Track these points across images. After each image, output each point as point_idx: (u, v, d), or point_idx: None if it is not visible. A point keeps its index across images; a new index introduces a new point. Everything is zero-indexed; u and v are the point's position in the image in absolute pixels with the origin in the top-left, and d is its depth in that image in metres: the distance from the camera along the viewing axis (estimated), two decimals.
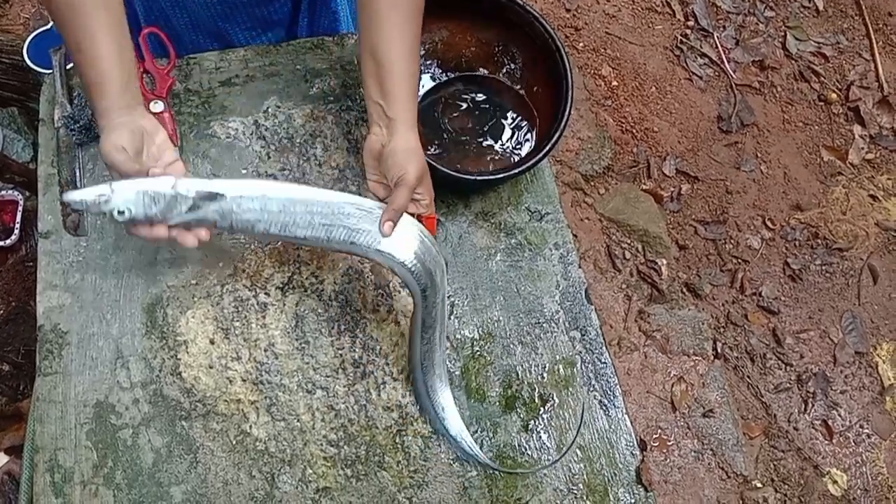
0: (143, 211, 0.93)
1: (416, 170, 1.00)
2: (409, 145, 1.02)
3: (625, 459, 1.15)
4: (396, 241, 0.99)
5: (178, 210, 0.95)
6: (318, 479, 1.07)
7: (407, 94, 1.04)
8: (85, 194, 0.93)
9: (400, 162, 1.00)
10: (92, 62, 0.95)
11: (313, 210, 0.98)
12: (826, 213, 2.65)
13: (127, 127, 0.96)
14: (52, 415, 1.07)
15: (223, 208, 0.96)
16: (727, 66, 2.82)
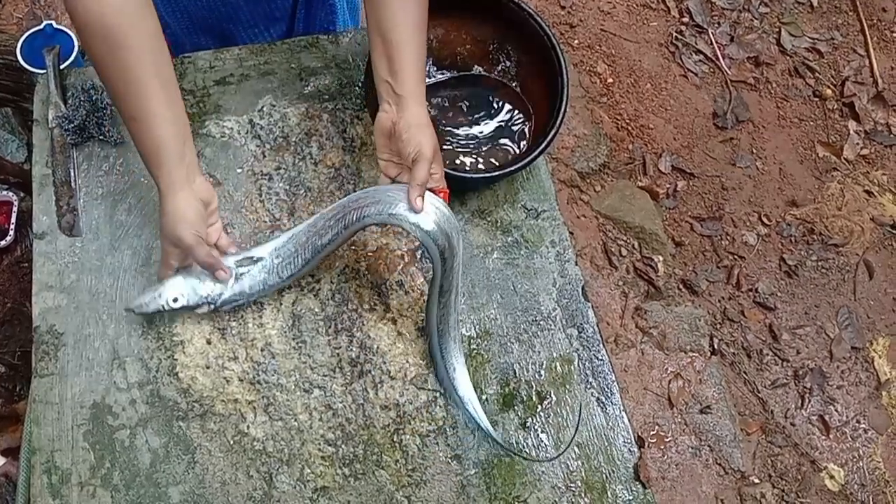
0: (196, 298, 1.07)
1: (430, 144, 1.01)
2: (421, 120, 1.03)
3: (622, 456, 1.15)
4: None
5: (227, 286, 1.07)
6: (316, 479, 1.07)
7: (415, 70, 1.04)
8: (146, 302, 1.06)
9: (414, 137, 1.01)
10: (148, 131, 0.98)
11: (327, 215, 1.06)
12: (821, 208, 2.66)
13: (192, 206, 1.02)
14: (48, 416, 1.07)
15: (266, 265, 1.08)
16: (722, 63, 2.82)
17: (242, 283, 1.08)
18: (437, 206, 1.03)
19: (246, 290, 1.09)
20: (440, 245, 1.03)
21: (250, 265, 1.08)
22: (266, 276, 1.09)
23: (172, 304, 1.05)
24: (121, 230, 1.17)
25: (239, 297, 1.09)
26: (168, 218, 1.01)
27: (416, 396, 1.14)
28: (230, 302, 1.09)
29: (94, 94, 1.19)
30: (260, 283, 1.09)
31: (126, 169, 1.20)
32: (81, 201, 1.18)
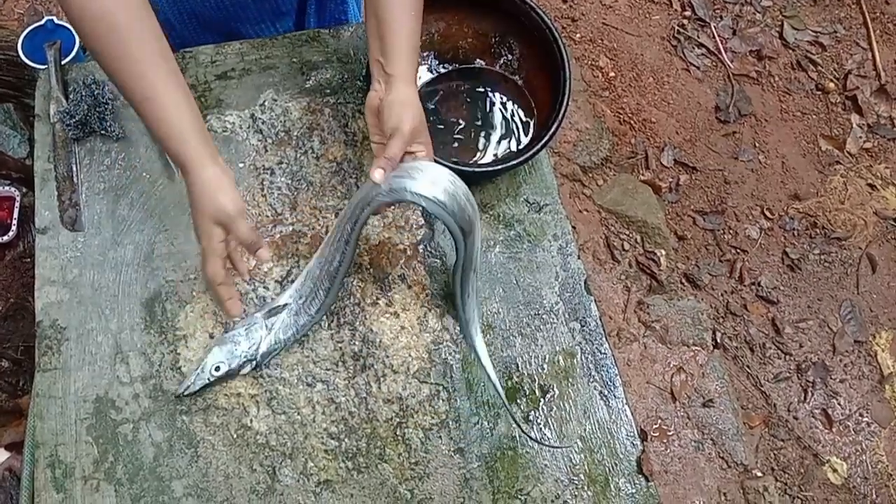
0: (237, 361, 1.07)
1: (410, 120, 1.01)
2: (405, 98, 1.03)
3: (625, 450, 1.15)
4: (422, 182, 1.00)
5: (262, 339, 1.08)
6: (319, 472, 1.07)
7: (406, 50, 1.05)
8: (192, 381, 1.06)
9: (395, 113, 1.01)
10: (165, 108, 0.95)
11: (330, 240, 1.09)
12: (824, 202, 2.65)
13: (229, 177, 1.00)
14: (52, 410, 1.07)
15: (293, 309, 1.10)
16: (724, 56, 2.81)
17: (276, 331, 1.09)
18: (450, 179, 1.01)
19: (281, 337, 1.09)
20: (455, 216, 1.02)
21: (278, 313, 1.09)
22: (296, 318, 1.10)
23: (215, 373, 1.06)
24: (123, 225, 1.17)
25: (277, 346, 1.10)
26: (205, 189, 0.97)
27: (418, 390, 1.14)
28: (270, 353, 1.09)
29: (95, 89, 1.19)
30: (292, 327, 1.10)
31: (128, 164, 1.20)
32: (83, 196, 1.18)
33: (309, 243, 1.19)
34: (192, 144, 0.96)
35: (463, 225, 1.02)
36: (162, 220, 1.18)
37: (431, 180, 1.00)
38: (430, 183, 0.99)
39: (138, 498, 1.03)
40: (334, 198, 1.23)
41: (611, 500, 1.12)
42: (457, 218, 1.01)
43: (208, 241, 0.99)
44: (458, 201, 1.00)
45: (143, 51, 0.93)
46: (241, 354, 1.07)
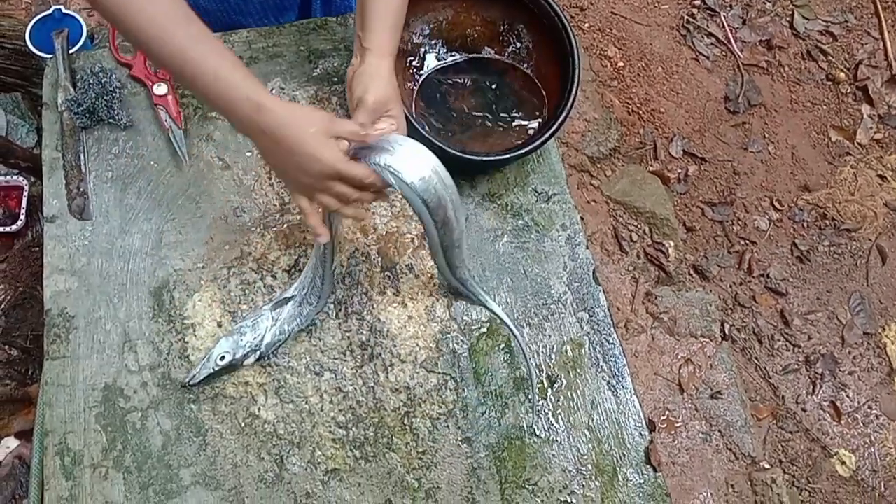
0: (242, 351, 1.07)
1: (374, 91, 0.98)
2: (374, 70, 1.01)
3: (633, 440, 1.15)
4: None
5: (266, 331, 1.08)
6: (327, 461, 1.08)
7: (384, 25, 1.04)
8: (198, 371, 1.07)
9: (362, 84, 0.99)
10: (211, 53, 0.89)
11: None
12: (834, 193, 2.63)
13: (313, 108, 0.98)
14: (60, 398, 1.07)
15: (296, 299, 1.10)
16: (734, 46, 2.79)
17: (281, 323, 1.09)
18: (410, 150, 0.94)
19: (286, 328, 1.10)
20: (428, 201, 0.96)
21: (284, 305, 1.10)
22: (300, 308, 1.10)
23: (220, 362, 1.06)
24: (131, 213, 1.17)
25: (281, 337, 1.10)
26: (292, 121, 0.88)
27: (426, 380, 1.14)
28: (273, 344, 1.10)
29: (103, 78, 1.19)
30: (297, 317, 1.10)
31: (136, 153, 1.20)
32: (91, 184, 1.18)
33: None
34: (251, 80, 0.90)
35: (428, 199, 0.94)
36: (170, 209, 1.18)
37: (391, 150, 0.92)
38: (390, 154, 0.92)
39: (146, 486, 1.04)
40: None
41: (618, 491, 1.12)
42: (419, 192, 0.93)
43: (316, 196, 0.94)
44: (423, 175, 0.93)
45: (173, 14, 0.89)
46: (246, 345, 1.07)
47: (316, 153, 0.88)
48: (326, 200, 0.93)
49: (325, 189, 0.92)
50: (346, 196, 0.93)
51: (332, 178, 0.90)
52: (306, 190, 0.93)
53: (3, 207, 1.62)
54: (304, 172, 0.90)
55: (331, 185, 0.91)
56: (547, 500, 1.10)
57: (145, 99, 1.23)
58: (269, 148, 0.91)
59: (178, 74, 0.91)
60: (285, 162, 0.91)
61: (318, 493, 1.06)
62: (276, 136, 0.88)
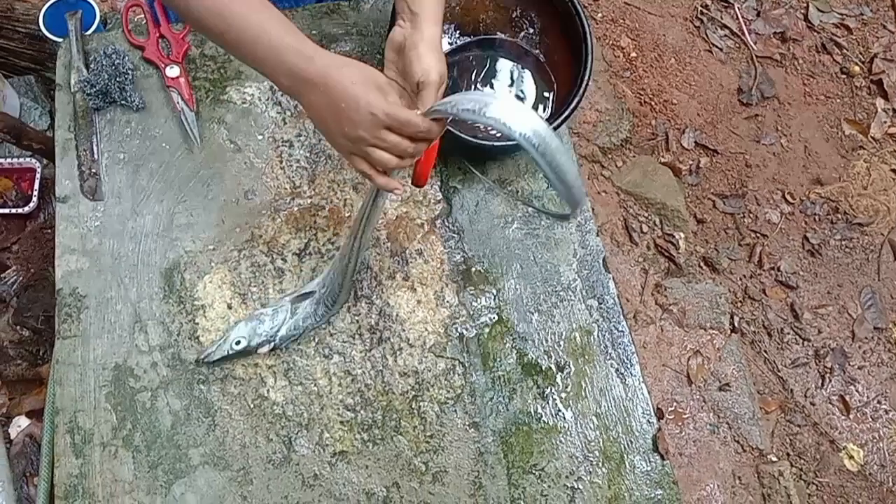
0: (257, 339, 1.08)
1: (438, 69, 0.91)
2: (432, 42, 0.94)
3: (641, 427, 1.15)
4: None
5: (283, 323, 1.09)
6: (335, 443, 1.08)
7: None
8: (213, 350, 1.08)
9: (423, 58, 0.91)
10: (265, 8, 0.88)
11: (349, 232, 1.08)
12: (847, 187, 2.61)
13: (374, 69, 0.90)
14: (71, 377, 1.08)
15: (315, 297, 1.10)
16: (748, 38, 2.77)
17: (297, 317, 1.10)
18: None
19: (300, 324, 1.10)
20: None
21: (304, 300, 1.10)
22: (316, 307, 1.11)
23: (235, 346, 1.07)
24: (142, 195, 1.17)
25: (295, 332, 1.10)
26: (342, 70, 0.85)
27: (434, 364, 1.14)
28: (288, 337, 1.10)
29: (116, 59, 1.19)
30: (312, 316, 1.11)
31: (148, 134, 1.21)
32: (104, 166, 1.18)
33: (327, 216, 1.19)
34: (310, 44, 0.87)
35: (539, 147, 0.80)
36: (181, 191, 1.18)
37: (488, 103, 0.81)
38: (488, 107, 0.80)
39: (156, 465, 1.04)
40: (352, 171, 1.22)
41: (625, 478, 1.12)
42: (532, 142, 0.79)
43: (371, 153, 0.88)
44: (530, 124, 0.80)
45: None
46: (262, 334, 1.08)
47: (366, 97, 0.84)
48: (380, 156, 0.88)
49: (378, 141, 0.87)
50: (400, 147, 0.87)
51: (384, 126, 0.85)
52: (359, 147, 0.88)
53: (15, 189, 1.63)
54: (354, 124, 0.86)
55: (384, 135, 0.86)
56: (554, 485, 1.10)
57: (158, 81, 1.23)
58: (318, 103, 0.88)
59: (222, 33, 0.89)
60: (337, 114, 0.87)
61: (326, 474, 1.06)
62: (326, 85, 0.85)
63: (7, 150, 1.67)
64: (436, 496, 1.08)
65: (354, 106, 0.84)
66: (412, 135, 0.87)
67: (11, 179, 1.63)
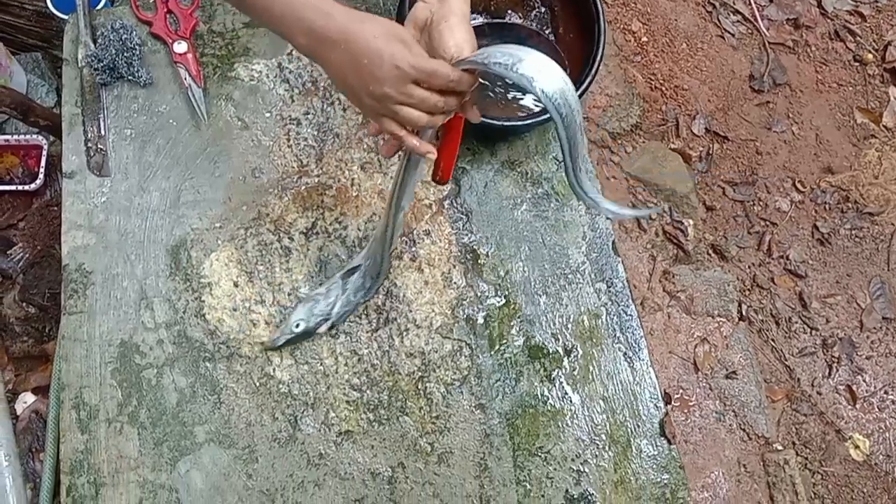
0: (315, 319, 1.08)
1: (471, 41, 0.84)
2: (461, 13, 0.86)
3: (648, 412, 1.14)
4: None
5: (337, 299, 1.09)
6: (340, 423, 1.08)
7: None
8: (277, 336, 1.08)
9: (454, 31, 0.84)
10: None
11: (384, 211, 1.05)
12: (858, 176, 2.59)
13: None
14: (77, 353, 1.08)
15: (362, 270, 1.09)
16: (760, 24, 2.74)
17: (348, 292, 1.09)
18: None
19: (352, 298, 1.09)
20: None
21: (352, 274, 1.09)
22: (363, 280, 1.10)
23: (296, 329, 1.07)
24: (149, 171, 1.16)
25: (348, 307, 1.09)
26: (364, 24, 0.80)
27: (441, 345, 1.13)
28: (342, 313, 1.09)
29: (123, 34, 1.18)
30: (360, 288, 1.10)
31: (155, 111, 1.20)
32: (110, 141, 1.17)
33: (334, 196, 1.18)
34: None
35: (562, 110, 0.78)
36: (188, 168, 1.17)
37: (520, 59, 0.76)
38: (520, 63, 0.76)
39: (161, 442, 1.04)
40: (360, 150, 1.21)
41: (632, 462, 1.11)
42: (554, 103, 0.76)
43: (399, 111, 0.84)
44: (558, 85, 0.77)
45: None
46: (319, 313, 1.07)
47: (389, 50, 0.79)
48: (408, 114, 0.83)
49: (405, 97, 0.81)
50: (429, 102, 0.82)
51: (410, 80, 0.80)
52: (386, 106, 0.83)
53: (22, 166, 1.63)
54: (378, 80, 0.81)
55: (410, 90, 0.81)
56: (559, 468, 1.10)
57: (165, 57, 1.22)
58: (340, 61, 0.83)
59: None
60: (359, 71, 0.82)
61: (331, 453, 1.06)
62: (347, 41, 0.80)
63: (14, 126, 1.66)
64: (441, 477, 1.07)
65: (378, 61, 0.80)
66: (442, 86, 0.81)
67: (18, 156, 1.62)
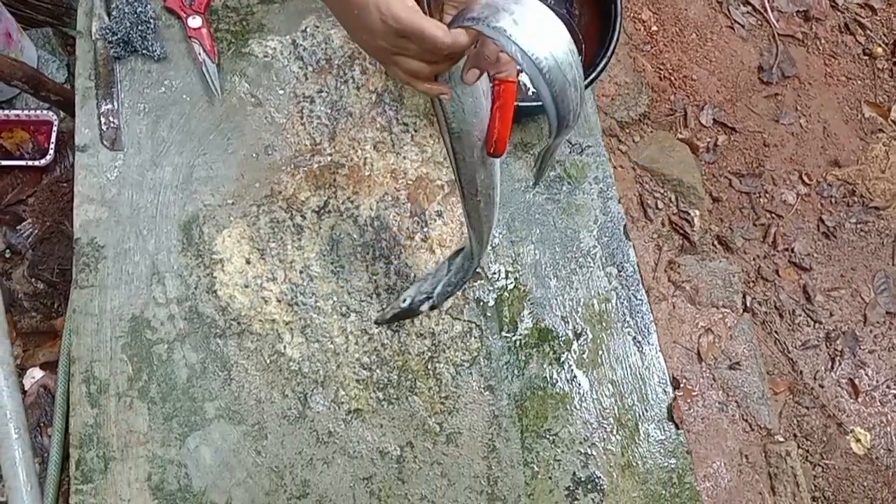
0: (420, 297, 1.04)
1: None
2: None
3: (656, 396, 1.14)
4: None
5: (441, 280, 1.04)
6: (350, 401, 1.08)
7: None
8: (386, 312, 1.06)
9: None
10: None
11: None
12: (864, 170, 2.59)
13: None
14: (88, 327, 1.07)
15: (466, 252, 1.02)
16: (770, 16, 2.73)
17: (451, 273, 1.05)
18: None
19: (453, 279, 1.05)
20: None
21: (457, 256, 1.04)
22: (463, 261, 1.04)
23: (402, 304, 1.05)
24: (162, 146, 1.16)
25: (449, 287, 1.05)
26: None
27: (451, 327, 1.13)
28: (443, 294, 1.05)
29: (138, 7, 1.17)
30: (460, 270, 1.05)
31: (168, 85, 1.19)
32: (124, 115, 1.17)
33: (347, 174, 1.18)
34: None
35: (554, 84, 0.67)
36: (201, 144, 1.17)
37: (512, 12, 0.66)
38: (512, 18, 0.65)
39: (170, 417, 1.04)
40: (373, 129, 1.21)
41: (639, 446, 1.11)
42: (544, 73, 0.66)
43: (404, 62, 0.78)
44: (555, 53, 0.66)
45: None
46: (424, 291, 1.05)
47: (375, 1, 0.74)
48: (409, 65, 0.77)
49: (401, 49, 0.76)
50: (426, 56, 0.75)
51: (402, 35, 0.74)
52: (387, 57, 0.79)
53: (32, 142, 1.62)
54: (371, 33, 0.76)
55: (402, 43, 0.75)
56: (567, 450, 1.10)
57: (179, 31, 1.21)
58: (338, 11, 0.80)
59: None
60: (354, 22, 0.78)
61: (340, 431, 1.06)
62: None
63: (24, 101, 1.65)
64: (449, 457, 1.07)
65: (366, 13, 0.75)
66: (431, 49, 0.75)
67: (28, 132, 1.62)
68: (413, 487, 1.06)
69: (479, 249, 1.01)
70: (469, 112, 0.79)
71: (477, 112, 0.79)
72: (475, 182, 0.86)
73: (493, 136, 0.82)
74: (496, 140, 0.82)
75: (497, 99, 0.78)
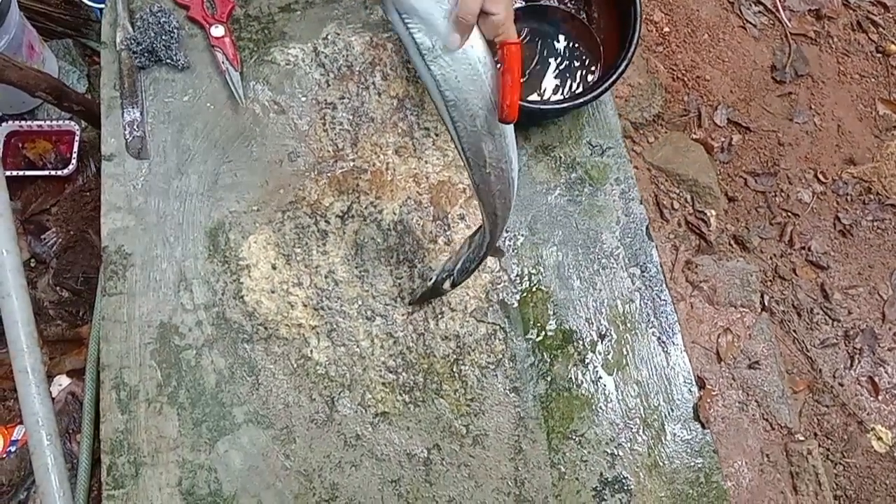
0: (441, 276, 1.05)
1: None
2: None
3: (682, 396, 1.14)
4: None
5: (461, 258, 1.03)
6: (376, 404, 1.08)
7: None
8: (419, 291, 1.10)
9: None
10: None
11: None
12: (880, 167, 2.58)
13: None
14: (117, 334, 1.09)
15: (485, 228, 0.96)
16: (782, 15, 2.72)
17: (471, 250, 1.01)
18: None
19: (472, 256, 1.01)
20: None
21: (477, 233, 1.00)
22: (482, 238, 0.99)
23: (427, 283, 1.08)
24: (187, 155, 1.17)
25: (467, 264, 1.02)
26: None
27: (475, 329, 1.14)
28: (463, 271, 1.03)
29: (161, 18, 1.19)
30: (479, 246, 1.00)
31: (193, 94, 1.21)
32: (149, 124, 1.18)
33: (369, 180, 1.19)
34: None
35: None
36: (226, 152, 1.18)
37: None
38: None
39: (200, 422, 1.05)
40: (395, 135, 1.22)
41: (666, 446, 1.12)
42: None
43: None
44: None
45: None
46: (446, 269, 1.04)
47: None
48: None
49: None
50: None
51: None
52: None
53: (55, 152, 1.64)
54: None
55: None
56: (594, 451, 1.10)
57: (202, 41, 1.23)
58: None
59: None
60: None
61: (368, 435, 1.07)
62: None
63: (46, 112, 1.67)
64: (476, 459, 1.08)
65: None
66: None
67: (51, 142, 1.64)
68: (441, 489, 1.06)
69: (492, 225, 0.94)
70: (464, 79, 0.76)
71: (474, 80, 0.76)
72: (482, 153, 0.83)
73: (505, 101, 0.79)
74: (508, 105, 0.79)
75: (502, 62, 0.76)
